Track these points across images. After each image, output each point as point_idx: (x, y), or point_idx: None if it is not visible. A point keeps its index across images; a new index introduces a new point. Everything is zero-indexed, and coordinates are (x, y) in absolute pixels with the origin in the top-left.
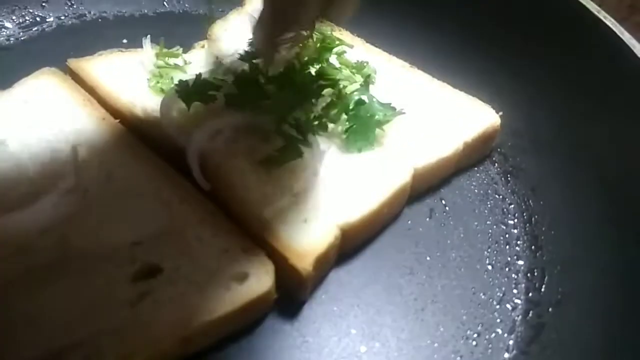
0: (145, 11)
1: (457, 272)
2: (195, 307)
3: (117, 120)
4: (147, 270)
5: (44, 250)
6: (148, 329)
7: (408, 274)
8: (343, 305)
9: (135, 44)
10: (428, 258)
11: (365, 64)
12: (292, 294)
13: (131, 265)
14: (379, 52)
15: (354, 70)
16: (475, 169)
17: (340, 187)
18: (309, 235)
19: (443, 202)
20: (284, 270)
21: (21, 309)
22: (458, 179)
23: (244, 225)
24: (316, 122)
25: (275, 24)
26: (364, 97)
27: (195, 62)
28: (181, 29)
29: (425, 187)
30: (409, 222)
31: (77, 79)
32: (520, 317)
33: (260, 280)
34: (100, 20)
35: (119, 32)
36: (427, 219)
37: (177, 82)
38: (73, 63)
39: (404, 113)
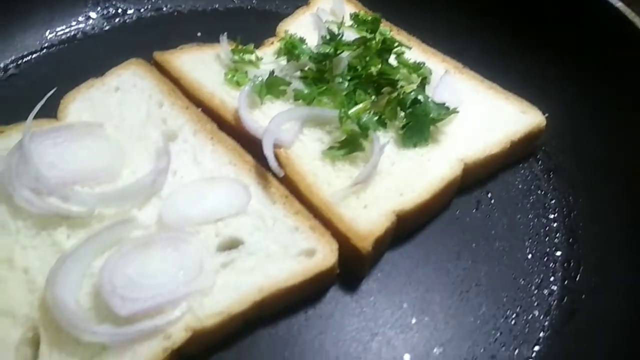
0: (217, 6)
1: (499, 259)
2: (270, 275)
3: (200, 109)
4: (229, 242)
5: (142, 222)
6: (230, 293)
7: (455, 258)
8: (396, 282)
9: (209, 36)
10: (474, 245)
11: (422, 65)
12: (352, 270)
13: (215, 238)
14: (433, 52)
15: (411, 70)
16: (520, 165)
17: (397, 177)
18: (369, 220)
19: (489, 195)
20: (346, 250)
21: (125, 271)
22: (504, 174)
23: (312, 208)
24: (376, 119)
25: None
26: (420, 97)
27: (265, 58)
28: (249, 23)
29: (473, 180)
30: (458, 211)
31: (162, 70)
32: (555, 302)
33: (326, 256)
34: (175, 13)
35: (193, 26)
36: (474, 210)
37: (251, 77)
38: (158, 55)
39: (457, 112)
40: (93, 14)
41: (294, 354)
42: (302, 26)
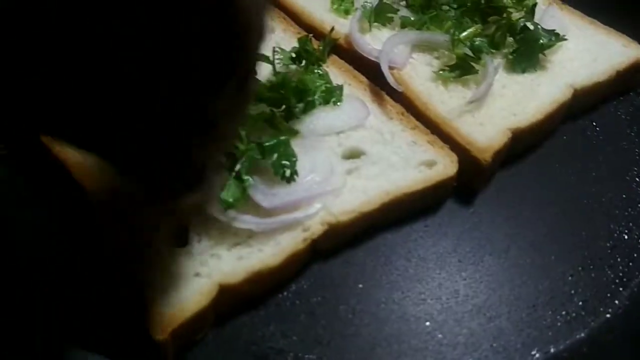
0: None
1: (610, 180)
2: (394, 182)
3: (311, 35)
4: (352, 152)
5: None
6: (359, 194)
7: (565, 178)
8: (510, 198)
9: None
10: (582, 167)
11: None
12: (467, 185)
13: (338, 148)
14: None
15: (514, 1)
16: (622, 98)
17: (508, 99)
18: (486, 135)
19: (594, 123)
20: (465, 162)
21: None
22: (606, 106)
23: (429, 124)
24: (487, 43)
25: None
26: (529, 24)
27: None
28: None
29: (578, 108)
30: (564, 137)
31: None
32: None
33: (446, 167)
34: None
35: None
36: (580, 136)
37: (357, 6)
38: None
39: (565, 39)
40: None
41: (416, 257)
42: None
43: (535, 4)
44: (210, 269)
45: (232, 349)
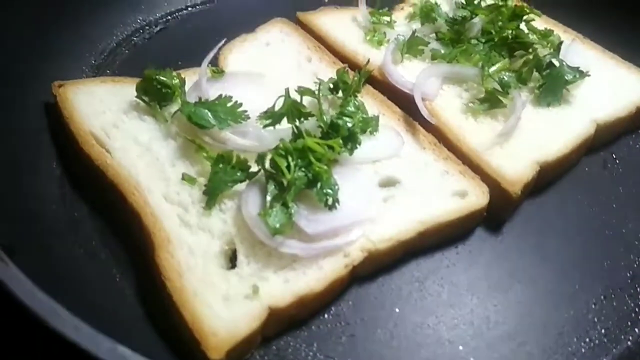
0: None
1: (627, 212)
2: (429, 211)
3: (347, 66)
4: (387, 181)
5: None
6: (397, 223)
7: (588, 209)
8: (536, 228)
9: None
10: (604, 199)
11: (551, 32)
12: (495, 214)
13: (375, 176)
14: (554, 23)
15: (540, 37)
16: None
17: (535, 132)
18: (515, 167)
19: (614, 156)
20: (495, 193)
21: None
22: (625, 139)
23: (460, 155)
24: (514, 77)
25: None
26: (555, 61)
27: (398, 21)
28: None
29: (600, 142)
30: (587, 169)
31: (306, 29)
32: None
33: (478, 197)
34: None
35: None
36: (602, 169)
37: (393, 38)
38: (302, 16)
39: (589, 75)
40: None
41: (448, 283)
42: None
43: (561, 42)
44: (260, 291)
45: None
